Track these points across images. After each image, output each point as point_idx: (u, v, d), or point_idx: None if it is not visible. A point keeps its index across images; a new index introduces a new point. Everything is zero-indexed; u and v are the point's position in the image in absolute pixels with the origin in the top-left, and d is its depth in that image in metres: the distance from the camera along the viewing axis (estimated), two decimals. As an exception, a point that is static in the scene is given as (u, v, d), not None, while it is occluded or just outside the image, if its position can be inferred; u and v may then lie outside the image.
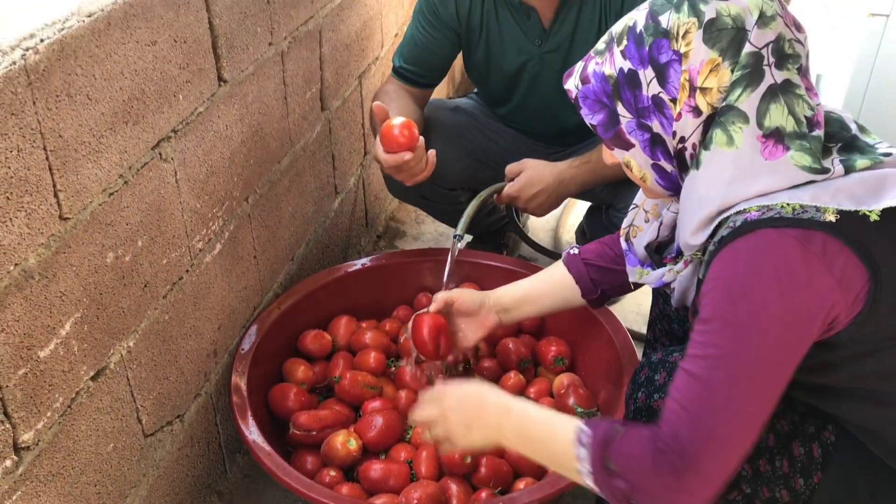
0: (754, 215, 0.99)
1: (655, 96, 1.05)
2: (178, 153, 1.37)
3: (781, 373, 0.99)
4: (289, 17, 1.71)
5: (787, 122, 1.00)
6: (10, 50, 0.99)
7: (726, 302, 0.99)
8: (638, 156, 1.12)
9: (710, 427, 0.97)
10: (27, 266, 1.05)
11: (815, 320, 0.97)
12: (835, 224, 0.96)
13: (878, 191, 0.99)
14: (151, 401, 1.38)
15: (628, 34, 1.07)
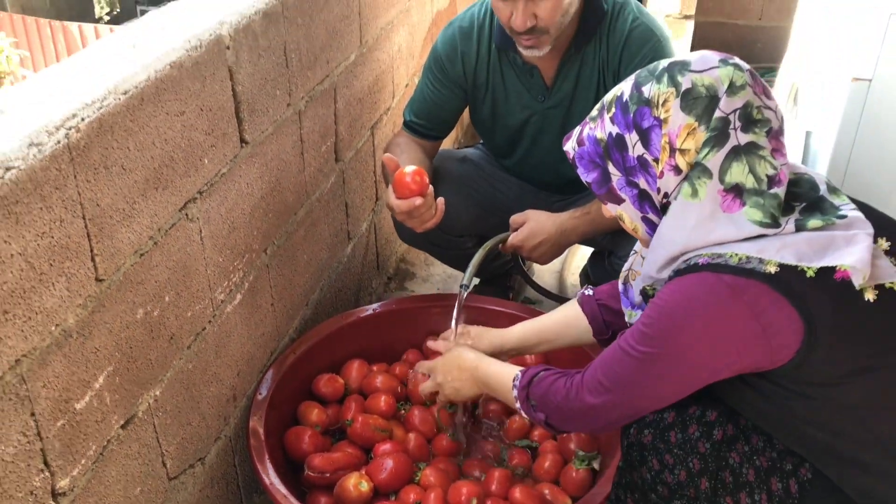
0: (705, 260, 1.13)
1: (640, 157, 1.18)
2: (203, 213, 1.46)
3: (681, 387, 1.20)
4: (306, 79, 1.82)
5: (746, 179, 1.12)
6: (56, 130, 1.08)
7: (658, 317, 1.16)
8: (629, 209, 1.25)
9: (611, 392, 1.24)
10: (66, 326, 1.14)
11: (725, 359, 1.13)
12: (774, 276, 1.08)
13: (822, 250, 1.10)
14: (175, 445, 1.46)
15: (616, 102, 1.21)
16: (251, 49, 1.55)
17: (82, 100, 1.15)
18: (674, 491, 1.22)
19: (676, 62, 1.18)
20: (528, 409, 1.39)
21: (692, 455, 1.21)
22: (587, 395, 1.28)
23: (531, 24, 1.73)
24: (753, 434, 1.24)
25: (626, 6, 1.86)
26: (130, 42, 1.36)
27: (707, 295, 1.12)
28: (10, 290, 1.02)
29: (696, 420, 1.24)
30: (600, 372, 1.27)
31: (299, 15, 1.74)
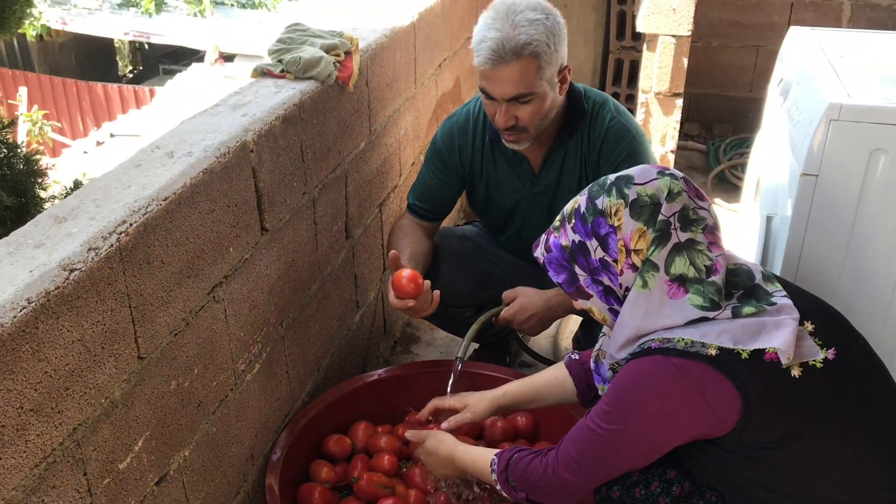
0: (656, 344, 1.33)
1: (602, 259, 1.39)
2: (228, 294, 1.67)
3: (645, 454, 1.38)
4: (319, 169, 2.04)
5: (688, 270, 1.33)
6: (109, 235, 1.30)
7: (616, 399, 1.36)
8: (596, 303, 1.45)
9: (582, 467, 1.43)
10: (113, 398, 1.34)
11: (679, 429, 1.32)
12: (714, 357, 1.28)
13: (754, 335, 1.30)
14: (201, 501, 1.65)
15: (575, 214, 1.42)
16: (272, 150, 1.78)
17: (130, 207, 1.37)
18: (636, 549, 1.40)
19: (622, 177, 1.40)
20: (508, 489, 1.57)
21: None
22: (563, 472, 1.46)
23: (511, 124, 1.96)
24: (707, 490, 1.42)
25: (604, 106, 2.09)
26: (168, 150, 1.59)
27: (659, 375, 1.32)
28: (69, 371, 1.23)
29: (658, 477, 1.42)
30: (572, 449, 1.45)
31: (314, 115, 1.97)
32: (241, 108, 1.80)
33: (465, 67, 3.39)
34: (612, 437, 1.37)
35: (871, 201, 1.76)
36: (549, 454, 1.49)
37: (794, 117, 1.94)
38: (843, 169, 1.76)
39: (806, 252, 1.86)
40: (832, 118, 1.72)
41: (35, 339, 1.15)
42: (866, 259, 1.82)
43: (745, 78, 4.44)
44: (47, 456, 1.20)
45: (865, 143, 1.72)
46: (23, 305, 1.13)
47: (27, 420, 1.15)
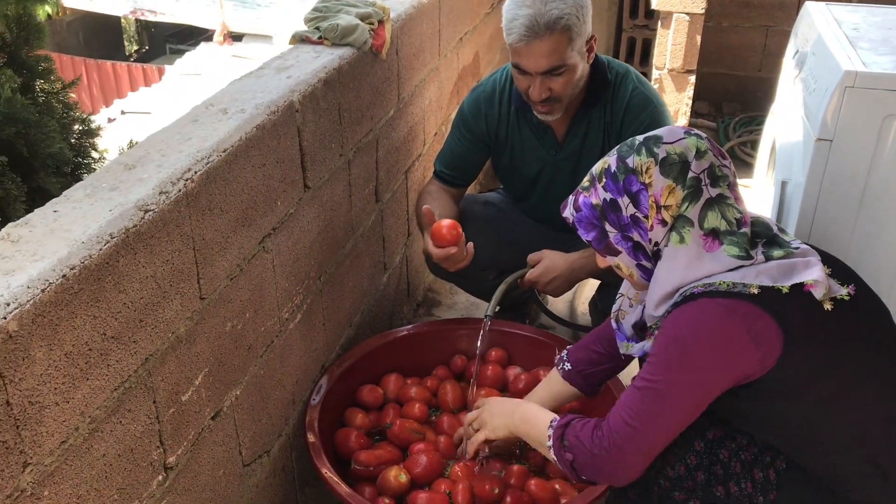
0: (699, 289, 1.40)
1: (633, 215, 1.46)
2: (276, 245, 1.77)
3: (698, 402, 1.40)
4: (354, 133, 2.14)
5: (720, 223, 1.42)
6: (177, 181, 1.40)
7: (667, 347, 1.40)
8: (625, 259, 1.52)
9: (636, 429, 1.40)
10: (179, 333, 1.45)
11: (731, 368, 1.37)
12: (756, 296, 1.36)
13: (788, 273, 1.39)
14: (249, 438, 1.76)
15: (605, 174, 1.49)
16: (314, 111, 1.88)
17: (194, 157, 1.47)
18: (674, 483, 1.48)
19: (650, 137, 1.48)
20: (558, 448, 1.52)
21: (689, 452, 1.48)
22: (615, 436, 1.43)
23: (546, 96, 2.05)
24: (738, 434, 1.50)
25: (627, 76, 2.18)
26: (222, 107, 1.68)
27: (707, 316, 1.38)
28: (144, 304, 1.33)
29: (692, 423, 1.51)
30: (623, 411, 1.44)
31: (351, 80, 2.07)
32: (285, 70, 1.90)
33: (484, 42, 3.47)
34: (664, 387, 1.40)
35: (882, 165, 1.86)
36: (603, 422, 1.48)
37: (809, 86, 2.04)
38: (856, 134, 1.86)
39: (819, 214, 1.96)
40: (847, 85, 1.82)
41: (116, 271, 1.25)
42: (877, 220, 1.92)
43: (755, 57, 4.53)
44: (124, 381, 1.31)
45: (878, 109, 1.82)
46: (106, 240, 1.23)
47: (109, 346, 1.26)
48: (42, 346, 1.11)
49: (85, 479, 1.24)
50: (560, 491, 1.91)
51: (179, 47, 13.70)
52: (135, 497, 1.37)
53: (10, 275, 1.11)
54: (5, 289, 1.08)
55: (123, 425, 1.32)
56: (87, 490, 1.24)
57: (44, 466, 1.15)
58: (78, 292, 1.17)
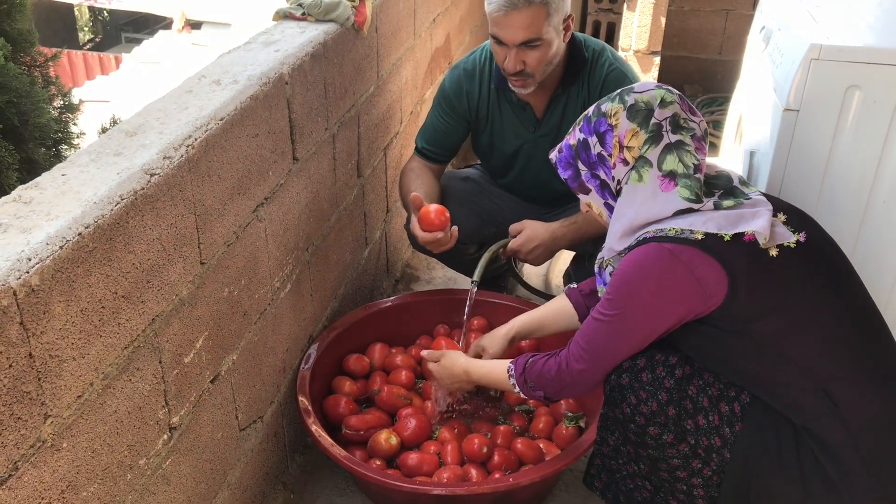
0: (651, 234, 1.53)
1: (599, 154, 1.61)
2: (268, 215, 1.82)
3: (645, 334, 1.57)
4: (338, 107, 2.18)
5: (678, 167, 1.55)
6: (179, 147, 1.44)
7: (618, 286, 1.55)
8: (594, 198, 1.67)
9: (592, 355, 1.63)
10: (182, 296, 1.49)
11: (674, 306, 1.51)
12: (701, 241, 1.48)
13: (735, 222, 1.51)
14: (245, 402, 1.80)
15: (583, 118, 1.65)
16: (302, 84, 1.92)
17: (193, 124, 1.51)
18: (648, 419, 1.58)
19: (626, 88, 1.63)
20: (526, 391, 1.76)
21: (660, 390, 1.57)
22: (574, 363, 1.65)
23: (520, 69, 2.11)
24: (705, 372, 1.60)
25: (602, 53, 2.26)
26: (214, 79, 1.72)
27: (654, 258, 1.51)
28: (151, 265, 1.37)
29: (662, 363, 1.60)
30: (582, 340, 1.65)
31: (335, 55, 2.11)
32: (273, 44, 1.93)
33: (455, 24, 3.53)
34: (615, 320, 1.57)
35: (844, 133, 1.96)
36: (560, 353, 1.68)
37: (776, 60, 2.13)
38: (821, 105, 1.95)
39: (786, 182, 2.05)
40: (813, 57, 1.91)
41: (126, 231, 1.29)
42: (840, 187, 2.02)
43: (715, 40, 4.65)
44: (133, 340, 1.35)
45: (842, 80, 1.92)
46: (117, 201, 1.27)
47: (119, 305, 1.29)
48: (60, 301, 1.15)
49: (99, 433, 1.27)
50: (544, 449, 1.99)
51: (135, 36, 13.51)
52: (142, 454, 1.41)
53: (27, 232, 1.14)
54: (25, 245, 1.11)
55: (133, 383, 1.36)
56: (100, 445, 1.28)
57: (62, 419, 1.19)
58: (92, 250, 1.20)
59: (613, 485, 1.76)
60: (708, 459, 1.57)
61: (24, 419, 1.10)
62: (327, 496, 2.06)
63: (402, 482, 1.84)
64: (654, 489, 1.69)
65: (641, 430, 1.59)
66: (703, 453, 1.57)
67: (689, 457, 1.58)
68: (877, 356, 1.56)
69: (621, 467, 1.71)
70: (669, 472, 1.61)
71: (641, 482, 1.70)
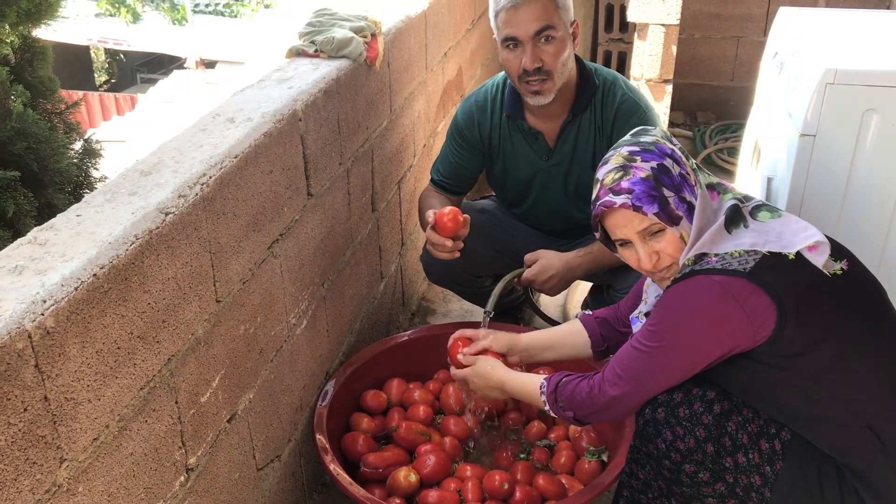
0: (697, 267, 1.51)
1: (680, 173, 1.54)
2: (283, 251, 1.81)
3: (687, 368, 1.53)
4: (352, 142, 2.18)
5: (712, 179, 1.60)
6: (194, 185, 1.44)
7: (662, 318, 1.53)
8: (686, 226, 1.54)
9: (628, 384, 1.58)
10: (198, 335, 1.48)
11: (722, 342, 1.47)
12: (751, 272, 1.44)
13: (793, 234, 1.49)
14: (262, 442, 1.78)
15: (633, 154, 1.56)
16: (316, 120, 1.92)
17: (208, 162, 1.51)
18: (685, 456, 1.53)
19: (636, 132, 1.64)
20: (556, 409, 1.71)
21: (698, 426, 1.53)
22: (609, 389, 1.60)
23: (538, 65, 2.11)
24: (744, 407, 1.56)
25: (616, 82, 2.25)
26: (229, 117, 1.72)
27: (702, 292, 1.47)
28: (166, 305, 1.36)
29: (699, 398, 1.55)
30: (618, 368, 1.60)
31: (348, 91, 2.12)
32: (286, 81, 1.94)
33: (466, 58, 3.54)
34: (657, 352, 1.52)
35: (863, 156, 1.94)
36: (595, 376, 1.64)
37: (791, 85, 2.12)
38: (838, 129, 1.93)
39: (805, 207, 2.03)
40: (828, 82, 1.90)
41: (141, 271, 1.28)
42: (861, 211, 1.99)
43: (727, 67, 4.65)
44: (150, 381, 1.33)
45: (858, 104, 1.90)
46: (132, 241, 1.26)
47: (135, 346, 1.28)
48: (76, 343, 1.14)
49: (115, 476, 1.26)
50: (567, 485, 1.95)
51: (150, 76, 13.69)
52: (160, 497, 1.39)
53: (42, 274, 1.14)
54: (40, 287, 1.11)
55: (149, 424, 1.34)
56: (117, 488, 1.26)
57: (78, 462, 1.17)
58: (107, 291, 1.20)
59: (642, 519, 1.72)
60: (746, 499, 1.53)
61: (39, 463, 1.09)
62: (346, 535, 2.03)
63: (422, 521, 1.81)
64: (685, 526, 1.65)
65: (677, 468, 1.55)
66: (741, 492, 1.53)
67: (726, 496, 1.54)
68: None
69: (651, 502, 1.67)
70: (704, 512, 1.58)
71: (672, 518, 1.66)
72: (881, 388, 1.48)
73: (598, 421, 1.72)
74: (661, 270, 1.57)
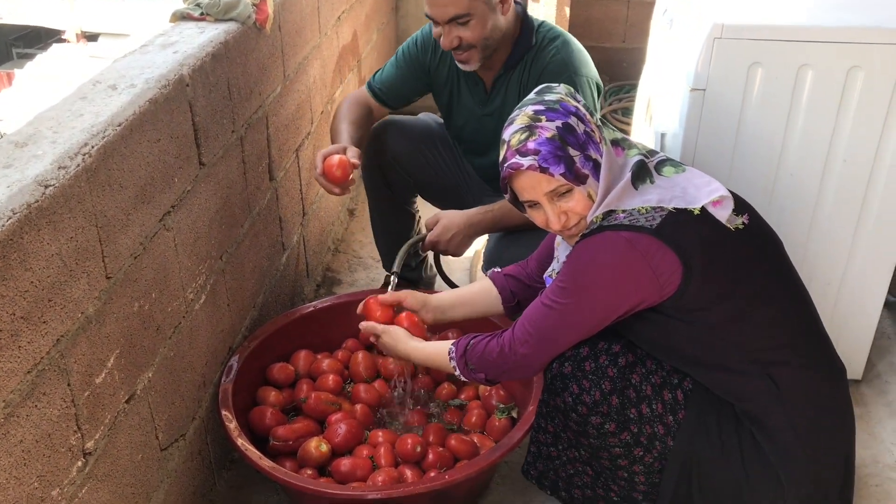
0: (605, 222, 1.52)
1: (585, 131, 1.53)
2: (176, 223, 1.74)
3: (595, 323, 1.54)
4: (244, 108, 2.11)
5: (616, 135, 1.60)
6: (75, 156, 1.36)
7: (572, 274, 1.53)
8: (592, 184, 1.54)
9: (538, 341, 1.58)
10: (88, 314, 1.40)
11: (629, 297, 1.49)
12: (657, 229, 1.46)
13: (694, 192, 1.52)
14: (164, 421, 1.72)
15: (538, 113, 1.54)
16: (204, 85, 1.84)
17: (89, 132, 1.43)
18: (591, 408, 1.55)
19: (539, 90, 1.63)
20: (467, 372, 1.70)
21: (603, 379, 1.55)
22: (519, 347, 1.60)
23: (455, 44, 2.10)
24: (648, 359, 1.60)
25: (553, 41, 2.23)
26: (110, 83, 1.63)
27: (609, 249, 1.48)
28: (51, 283, 1.29)
29: (605, 352, 1.58)
30: (528, 325, 1.59)
31: (238, 55, 2.04)
32: (170, 46, 1.85)
33: (361, 22, 3.48)
34: (567, 309, 1.53)
35: (750, 109, 1.99)
36: (503, 335, 1.63)
37: (681, 41, 2.16)
38: (726, 82, 1.98)
39: (697, 161, 2.08)
40: (716, 36, 1.94)
41: (21, 248, 1.20)
42: (749, 162, 2.06)
43: (619, 29, 4.71)
44: (37, 363, 1.26)
45: (745, 58, 1.95)
46: (9, 216, 1.18)
47: (19, 327, 1.21)
48: (-49, 327, 1.06)
49: (4, 466, 1.19)
50: (478, 444, 1.97)
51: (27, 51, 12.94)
52: (55, 484, 1.32)
53: None
54: None
55: (39, 409, 1.27)
56: (6, 478, 1.20)
57: (-39, 454, 1.10)
58: (-17, 270, 1.12)
59: (552, 471, 1.75)
60: (650, 447, 1.57)
61: (-84, 457, 1.02)
62: (259, 511, 1.99)
63: (335, 489, 1.79)
64: (595, 475, 1.68)
65: (583, 420, 1.58)
66: (645, 441, 1.57)
67: (632, 445, 1.57)
68: (817, 339, 1.60)
69: (561, 453, 1.70)
70: (611, 461, 1.61)
71: (582, 467, 1.69)
72: (781, 338, 1.54)
73: (510, 379, 1.73)
74: (570, 228, 1.58)
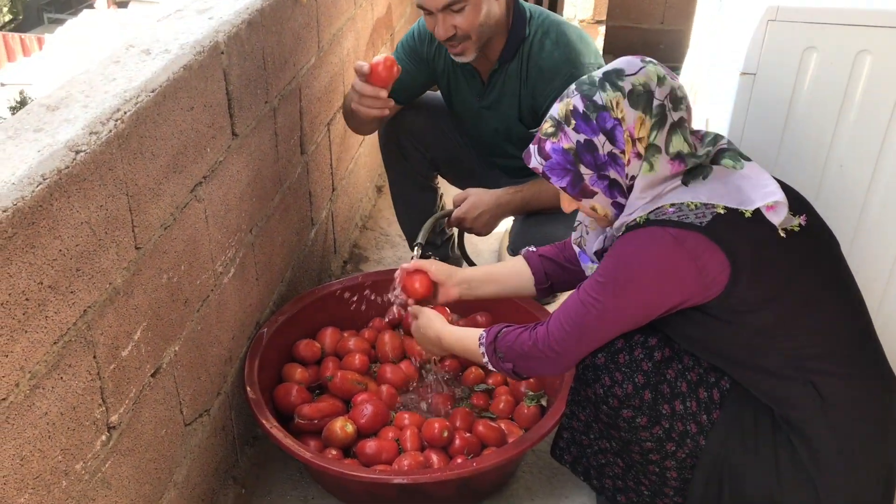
0: (653, 216, 1.43)
1: (610, 153, 1.45)
2: (207, 194, 1.69)
3: (635, 321, 1.49)
4: (278, 79, 2.06)
5: (683, 147, 1.45)
6: (107, 121, 1.31)
7: (613, 269, 1.46)
8: (601, 199, 1.50)
9: (574, 338, 1.52)
10: (116, 285, 1.37)
11: (673, 296, 1.42)
12: (707, 226, 1.38)
13: (748, 192, 1.43)
14: (189, 396, 1.69)
15: (573, 115, 1.46)
16: (239, 53, 1.79)
17: (122, 97, 1.38)
18: (622, 402, 1.51)
19: (610, 71, 1.46)
20: (495, 361, 1.65)
21: (637, 372, 1.50)
22: (553, 342, 1.54)
23: (451, 34, 2.03)
24: (685, 355, 1.54)
25: (548, 33, 2.14)
26: (144, 48, 1.59)
27: (655, 245, 1.40)
28: (80, 252, 1.25)
29: (640, 345, 1.52)
30: (564, 321, 1.53)
31: (273, 24, 1.98)
32: (206, 12, 1.80)
33: (396, -6, 3.41)
34: (606, 307, 1.46)
35: (802, 95, 1.92)
36: (537, 329, 1.58)
37: (731, 23, 2.08)
38: (778, 67, 1.90)
39: (744, 146, 2.00)
40: (770, 19, 1.86)
41: (50, 215, 1.16)
42: (797, 148, 1.98)
43: (657, 10, 4.62)
44: (63, 334, 1.22)
45: (799, 42, 1.87)
46: (39, 181, 1.14)
47: (46, 296, 1.17)
48: (-23, 295, 1.03)
49: (28, 438, 1.16)
50: (506, 430, 1.92)
51: (58, 16, 12.99)
52: (79, 458, 1.29)
53: (-65, 218, 1.02)
54: (-67, 232, 0.99)
55: (65, 381, 1.24)
56: (30, 451, 1.16)
57: (-15, 425, 1.07)
58: (12, 236, 1.08)
59: (584, 458, 1.71)
60: (682, 443, 1.52)
61: (-61, 428, 0.98)
62: (280, 489, 1.96)
63: (360, 472, 1.75)
64: (626, 467, 1.63)
65: (614, 413, 1.53)
66: (677, 437, 1.51)
67: (663, 440, 1.52)
68: (868, 351, 1.52)
69: (593, 443, 1.65)
70: (642, 455, 1.56)
71: (613, 458, 1.64)
72: (828, 346, 1.46)
73: (538, 375, 1.68)
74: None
